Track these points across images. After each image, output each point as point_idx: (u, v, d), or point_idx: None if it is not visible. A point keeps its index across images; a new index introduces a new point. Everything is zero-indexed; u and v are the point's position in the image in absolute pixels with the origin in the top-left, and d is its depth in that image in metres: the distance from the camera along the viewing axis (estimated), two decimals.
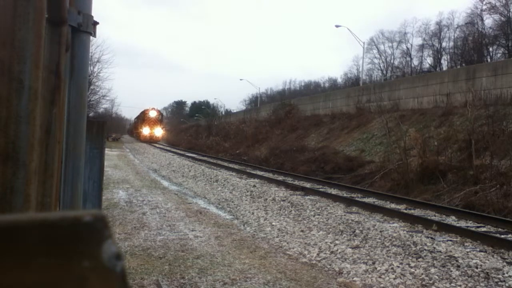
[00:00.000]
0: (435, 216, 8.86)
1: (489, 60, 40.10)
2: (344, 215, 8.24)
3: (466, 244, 6.60)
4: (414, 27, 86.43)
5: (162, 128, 54.09)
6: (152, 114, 52.50)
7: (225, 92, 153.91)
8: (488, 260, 5.51)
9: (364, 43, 38.10)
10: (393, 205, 10.11)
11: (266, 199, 10.27)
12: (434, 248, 5.90)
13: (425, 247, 5.93)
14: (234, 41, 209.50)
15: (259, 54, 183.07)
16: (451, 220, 8.49)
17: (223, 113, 65.44)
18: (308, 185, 12.98)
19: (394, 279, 5.05)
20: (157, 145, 43.87)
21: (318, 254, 6.11)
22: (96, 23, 2.05)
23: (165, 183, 14.04)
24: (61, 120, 1.79)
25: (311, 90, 72.38)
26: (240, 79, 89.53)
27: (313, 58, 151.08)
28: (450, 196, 11.10)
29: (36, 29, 1.08)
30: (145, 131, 51.23)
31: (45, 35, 1.34)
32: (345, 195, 11.38)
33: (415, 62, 53.70)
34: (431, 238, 6.71)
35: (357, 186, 13.65)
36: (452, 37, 48.46)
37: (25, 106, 1.07)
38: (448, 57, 49.09)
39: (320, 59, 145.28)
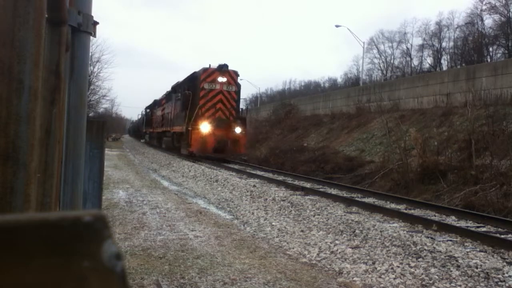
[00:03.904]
0: (435, 216, 8.85)
1: (489, 60, 40.09)
2: (344, 215, 8.23)
3: (466, 244, 6.59)
4: (414, 27, 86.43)
5: (242, 125, 20.52)
6: (221, 80, 20.36)
7: None
8: (488, 260, 5.50)
9: (364, 43, 38.12)
10: (393, 205, 10.10)
11: (266, 199, 10.27)
12: (434, 248, 5.89)
13: (425, 247, 5.93)
14: (234, 40, 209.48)
15: (259, 54, 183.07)
16: (451, 220, 8.49)
17: None
18: (308, 185, 12.97)
19: (394, 279, 5.05)
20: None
21: (318, 254, 6.10)
22: (96, 23, 2.06)
23: (165, 183, 14.04)
24: (61, 120, 1.79)
25: (311, 90, 72.38)
26: (240, 79, 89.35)
27: (313, 58, 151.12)
28: (450, 196, 11.10)
29: (36, 29, 1.08)
30: (204, 127, 19.54)
31: (45, 35, 1.34)
32: (345, 195, 11.37)
33: (415, 62, 53.73)
34: (431, 238, 6.71)
35: (357, 186, 13.65)
36: (452, 37, 48.49)
37: (25, 106, 1.07)
38: (448, 57, 49.11)
39: (320, 59, 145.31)
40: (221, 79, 20.17)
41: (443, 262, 5.42)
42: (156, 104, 35.16)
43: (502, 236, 7.02)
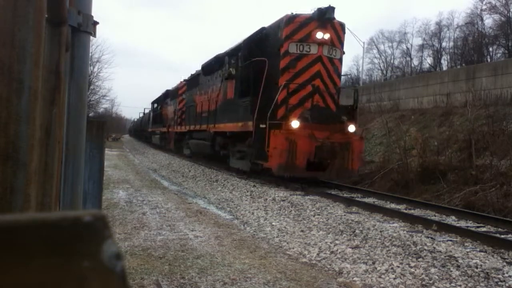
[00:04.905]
0: (435, 216, 8.85)
1: (489, 60, 40.08)
2: (344, 215, 8.23)
3: (466, 244, 6.60)
4: (414, 27, 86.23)
5: (355, 121, 11.96)
6: (321, 37, 11.25)
7: None
8: (488, 260, 5.50)
9: (364, 43, 38.11)
10: (393, 205, 10.10)
11: (266, 199, 10.27)
12: (434, 248, 5.89)
13: (425, 247, 5.93)
14: (234, 41, 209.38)
15: None
16: (451, 220, 8.49)
17: None
18: (308, 185, 12.96)
19: (394, 279, 5.05)
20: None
21: (318, 254, 6.10)
22: (96, 23, 2.06)
23: (165, 183, 14.04)
24: (61, 120, 1.79)
25: None
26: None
27: None
28: (450, 196, 11.10)
29: (36, 29, 1.08)
30: (294, 125, 10.91)
31: (45, 35, 1.34)
32: (345, 195, 11.37)
33: (415, 62, 53.66)
34: (431, 238, 6.71)
35: (357, 186, 13.64)
36: (452, 37, 48.46)
37: (25, 106, 1.07)
38: (448, 57, 49.09)
39: None
40: (321, 35, 11.23)
41: (443, 262, 5.42)
42: (168, 96, 27.03)
43: (502, 236, 7.02)
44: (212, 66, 16.47)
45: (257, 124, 11.38)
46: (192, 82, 20.52)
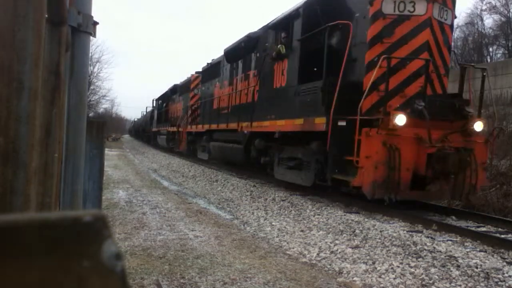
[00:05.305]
0: (435, 216, 8.85)
1: (489, 60, 40.09)
2: (344, 215, 8.23)
3: (466, 244, 6.59)
4: None
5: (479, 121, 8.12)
6: None
7: None
8: (488, 260, 5.50)
9: None
10: None
11: (266, 199, 10.27)
12: (434, 248, 5.90)
13: (425, 247, 5.93)
14: (234, 39, 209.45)
15: None
16: (451, 220, 8.48)
17: None
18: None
19: (394, 279, 5.05)
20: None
21: (318, 254, 6.11)
22: (96, 23, 2.06)
23: (165, 183, 14.04)
24: (61, 120, 1.79)
25: None
26: None
27: None
28: None
29: (36, 29, 1.08)
30: (399, 121, 7.25)
31: (45, 35, 1.34)
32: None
33: None
34: (431, 238, 6.71)
35: None
36: (452, 37, 48.44)
37: (25, 106, 1.07)
38: None
39: None
40: None
41: (443, 262, 5.42)
42: (176, 91, 24.61)
43: (502, 236, 7.02)
44: (241, 50, 12.86)
45: (332, 123, 7.96)
46: (210, 72, 17.24)
